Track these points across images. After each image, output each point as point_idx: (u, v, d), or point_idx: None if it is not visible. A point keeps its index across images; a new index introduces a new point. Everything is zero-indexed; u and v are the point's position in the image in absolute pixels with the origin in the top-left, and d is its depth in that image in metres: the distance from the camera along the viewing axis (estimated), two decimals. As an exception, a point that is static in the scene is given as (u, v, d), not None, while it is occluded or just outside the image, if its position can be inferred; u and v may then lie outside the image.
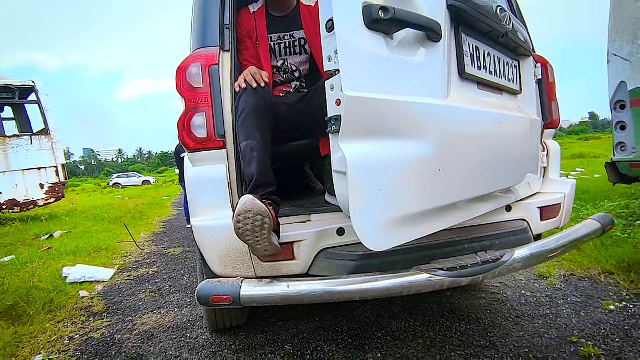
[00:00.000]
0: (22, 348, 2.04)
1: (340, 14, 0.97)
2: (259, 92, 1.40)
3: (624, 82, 3.27)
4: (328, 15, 0.99)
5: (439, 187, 1.20)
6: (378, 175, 1.04)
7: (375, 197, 1.04)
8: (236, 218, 1.13)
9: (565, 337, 1.74)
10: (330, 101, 1.02)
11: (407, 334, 1.88)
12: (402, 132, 1.10)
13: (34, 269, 3.46)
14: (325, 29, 1.01)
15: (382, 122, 1.06)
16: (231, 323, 2.02)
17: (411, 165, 1.12)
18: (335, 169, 1.06)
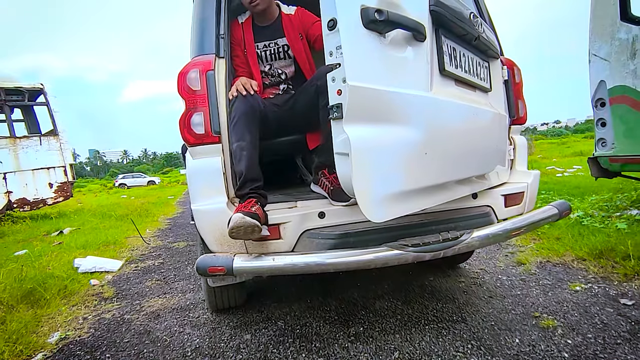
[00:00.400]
0: (41, 326, 2.26)
1: (342, 14, 1.16)
2: (249, 100, 1.61)
3: (604, 81, 3.43)
4: (330, 16, 1.17)
5: (425, 169, 1.40)
6: (376, 156, 1.23)
7: (374, 175, 1.24)
8: (229, 232, 1.33)
9: (530, 313, 1.93)
10: (332, 91, 1.20)
11: (388, 312, 2.07)
12: (394, 119, 1.30)
13: (48, 260, 3.70)
14: (326, 28, 1.19)
15: (378, 109, 1.25)
16: (229, 304, 2.22)
17: (402, 148, 1.31)
18: (338, 150, 1.24)
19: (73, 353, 1.91)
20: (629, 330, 1.68)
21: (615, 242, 2.60)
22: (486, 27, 1.76)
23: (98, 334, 2.12)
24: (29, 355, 1.90)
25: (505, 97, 2.00)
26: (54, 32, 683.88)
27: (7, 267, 3.40)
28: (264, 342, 1.84)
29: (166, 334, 2.05)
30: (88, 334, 2.13)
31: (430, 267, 2.78)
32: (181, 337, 2.00)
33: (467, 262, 2.81)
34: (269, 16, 1.98)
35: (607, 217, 3.31)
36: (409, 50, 1.39)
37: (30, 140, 8.11)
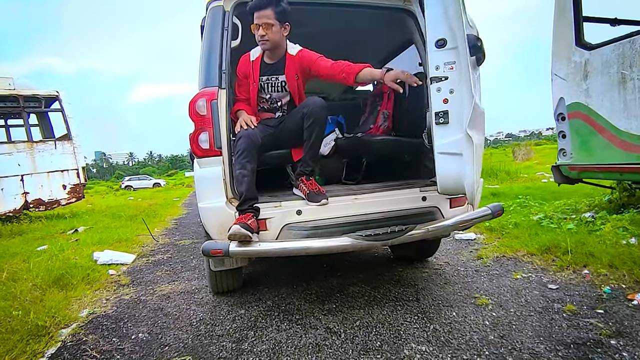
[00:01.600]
0: (72, 305, 2.72)
1: (457, 37, 1.49)
2: (251, 138, 2.06)
3: (563, 98, 3.86)
4: (439, 36, 1.52)
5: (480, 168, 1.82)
6: (480, 152, 1.62)
7: (479, 169, 1.62)
8: (228, 236, 1.78)
9: (472, 295, 2.36)
10: (437, 100, 1.54)
11: (358, 294, 2.51)
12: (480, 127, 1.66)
13: (69, 254, 4.17)
14: (434, 45, 1.55)
15: (476, 119, 1.60)
16: (228, 287, 2.67)
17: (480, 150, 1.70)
18: (445, 151, 1.56)
19: (101, 323, 2.37)
20: (544, 306, 2.11)
21: (561, 239, 3.02)
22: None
23: (120, 310, 2.58)
24: (67, 324, 2.36)
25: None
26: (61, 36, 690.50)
27: (34, 259, 3.88)
28: (254, 315, 2.29)
29: (176, 310, 2.51)
30: (112, 310, 2.59)
31: (401, 260, 3.22)
32: (188, 312, 2.45)
33: (434, 256, 3.25)
34: (276, 56, 2.34)
35: (563, 219, 3.73)
36: (476, 72, 1.77)
37: (46, 144, 8.64)
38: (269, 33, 2.19)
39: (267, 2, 2.14)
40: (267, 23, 2.17)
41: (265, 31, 2.18)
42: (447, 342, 1.79)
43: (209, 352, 1.87)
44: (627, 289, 2.22)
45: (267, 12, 2.16)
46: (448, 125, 1.51)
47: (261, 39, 2.22)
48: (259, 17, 2.17)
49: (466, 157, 1.47)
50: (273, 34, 2.20)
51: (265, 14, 2.16)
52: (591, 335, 1.76)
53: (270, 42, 2.23)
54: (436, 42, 1.51)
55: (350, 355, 1.75)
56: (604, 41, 3.52)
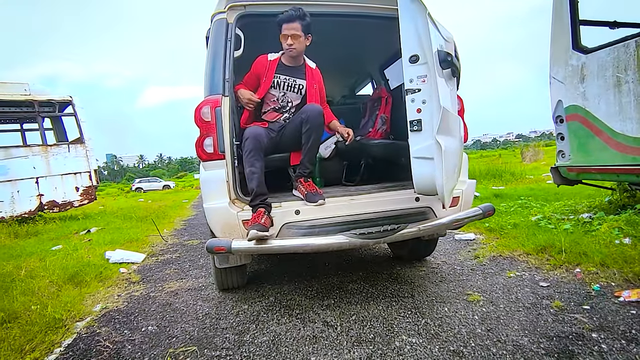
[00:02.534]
0: (86, 300, 2.88)
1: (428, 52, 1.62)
2: (257, 139, 2.20)
3: (561, 101, 3.93)
4: (412, 52, 1.66)
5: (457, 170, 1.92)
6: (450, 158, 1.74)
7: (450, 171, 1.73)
8: (248, 239, 1.90)
9: (465, 292, 2.46)
10: (412, 110, 1.67)
11: (356, 291, 2.62)
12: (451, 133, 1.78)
13: (82, 253, 4.35)
14: (408, 60, 1.69)
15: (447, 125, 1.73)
16: (233, 284, 2.81)
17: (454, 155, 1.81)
18: (419, 155, 1.69)
19: (113, 317, 2.52)
20: (533, 302, 2.20)
21: (556, 239, 3.10)
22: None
23: (131, 305, 2.73)
24: (81, 318, 2.52)
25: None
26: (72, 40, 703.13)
27: (50, 258, 4.07)
28: (257, 310, 2.42)
29: (183, 305, 2.65)
30: (123, 305, 2.74)
31: (400, 260, 3.32)
32: (195, 307, 2.59)
33: (433, 255, 3.34)
34: (297, 62, 2.57)
35: (561, 219, 3.80)
36: (452, 83, 1.92)
37: (59, 147, 8.89)
38: (296, 42, 2.44)
39: (295, 16, 2.37)
40: (295, 34, 2.41)
41: (293, 41, 2.43)
42: (437, 335, 1.89)
43: (213, 343, 2.00)
44: (616, 286, 2.30)
45: (295, 25, 2.40)
46: (421, 132, 1.63)
47: (289, 47, 2.46)
48: (288, 28, 2.41)
49: (436, 161, 1.59)
50: (299, 43, 2.45)
51: (294, 27, 2.40)
52: (574, 329, 1.84)
53: (296, 50, 2.48)
54: (409, 58, 1.64)
55: (345, 346, 1.86)
56: (599, 45, 3.58)
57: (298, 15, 2.37)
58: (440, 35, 1.72)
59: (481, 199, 6.11)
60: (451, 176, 1.73)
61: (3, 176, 8.14)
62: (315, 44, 2.87)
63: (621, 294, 2.15)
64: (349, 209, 2.24)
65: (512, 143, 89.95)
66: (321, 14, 2.55)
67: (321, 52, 2.90)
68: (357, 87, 4.70)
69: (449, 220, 2.20)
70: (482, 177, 9.22)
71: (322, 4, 2.51)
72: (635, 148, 3.29)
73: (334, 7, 2.53)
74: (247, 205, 2.13)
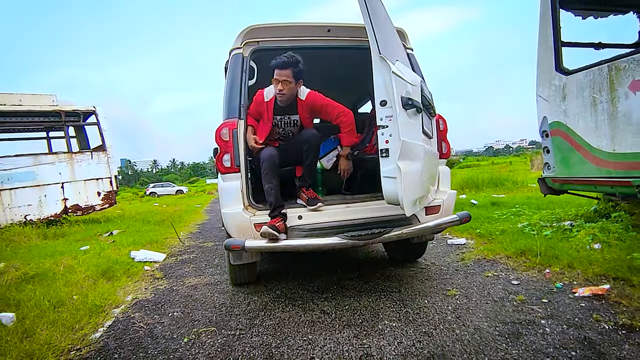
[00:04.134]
0: (118, 292, 3.32)
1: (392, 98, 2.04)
2: (272, 158, 2.60)
3: (546, 117, 4.28)
4: (382, 98, 2.06)
5: (422, 186, 2.31)
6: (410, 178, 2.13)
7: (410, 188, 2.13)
8: (260, 234, 2.32)
9: (446, 288, 2.83)
10: (382, 141, 2.06)
11: (352, 287, 3.01)
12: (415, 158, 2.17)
13: (109, 253, 4.82)
14: (379, 104, 2.08)
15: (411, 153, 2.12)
16: (245, 280, 3.22)
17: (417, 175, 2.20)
18: (386, 175, 2.08)
19: (143, 305, 2.95)
20: (501, 296, 2.56)
21: (535, 244, 3.44)
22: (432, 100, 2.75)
23: (157, 296, 3.16)
24: (117, 305, 2.96)
25: (436, 141, 2.94)
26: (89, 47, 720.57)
27: (81, 257, 4.54)
28: (265, 301, 2.83)
29: (202, 296, 3.07)
30: (151, 296, 3.18)
31: (394, 261, 3.70)
32: (212, 298, 3.01)
33: (424, 258, 3.71)
34: (289, 102, 2.88)
35: (544, 226, 4.13)
36: (415, 118, 2.29)
37: (83, 154, 9.50)
38: (286, 88, 2.75)
39: (288, 64, 2.68)
40: (286, 80, 2.72)
41: (284, 86, 2.74)
42: (413, 320, 2.27)
43: (229, 325, 2.41)
44: (576, 284, 2.64)
45: (286, 72, 2.70)
46: (388, 158, 2.03)
47: (279, 93, 2.77)
48: (280, 74, 2.71)
49: (398, 180, 1.98)
50: (289, 89, 2.77)
51: (285, 74, 2.71)
52: (528, 317, 2.20)
53: (286, 96, 2.80)
54: (380, 102, 2.05)
55: (336, 328, 2.25)
56: (578, 67, 3.93)
57: (290, 62, 2.68)
58: (406, 82, 2.12)
59: (478, 206, 6.45)
60: (413, 190, 2.12)
61: (32, 181, 8.76)
62: (321, 69, 3.30)
63: (577, 291, 2.50)
64: (344, 214, 2.64)
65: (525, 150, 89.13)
66: (325, 47, 2.98)
67: (327, 75, 3.33)
68: (358, 105, 5.11)
69: (429, 225, 2.59)
70: (485, 186, 9.51)
71: (325, 39, 2.93)
72: (609, 162, 3.62)
73: (335, 41, 2.94)
74: (259, 211, 2.55)
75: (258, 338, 2.20)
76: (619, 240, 3.29)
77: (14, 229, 7.61)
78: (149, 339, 2.30)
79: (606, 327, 2.00)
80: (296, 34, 2.89)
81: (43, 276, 3.61)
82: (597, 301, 2.34)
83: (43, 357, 2.06)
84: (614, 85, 3.54)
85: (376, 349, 1.96)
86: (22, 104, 9.01)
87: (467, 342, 1.96)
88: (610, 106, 3.59)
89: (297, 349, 2.03)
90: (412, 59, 3.03)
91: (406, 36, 3.05)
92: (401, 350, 1.93)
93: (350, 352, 1.95)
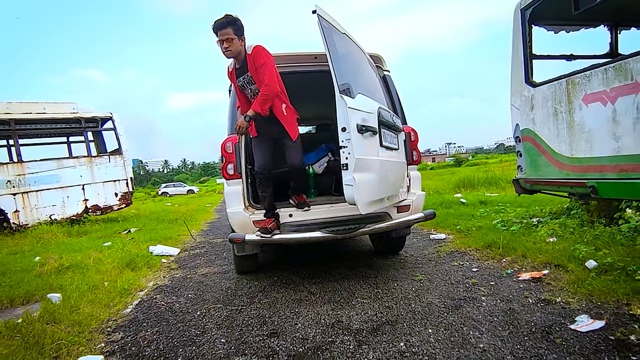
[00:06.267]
0: (141, 279, 3.91)
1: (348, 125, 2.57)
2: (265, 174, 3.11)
3: (518, 124, 4.75)
4: (343, 125, 2.55)
5: (377, 191, 2.85)
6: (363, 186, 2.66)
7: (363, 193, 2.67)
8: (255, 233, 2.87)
9: (415, 274, 3.35)
10: (343, 157, 2.54)
11: (337, 274, 3.55)
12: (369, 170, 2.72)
13: (130, 248, 5.44)
14: (340, 130, 2.58)
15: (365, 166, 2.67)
16: (248, 269, 3.79)
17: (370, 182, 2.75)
18: (346, 183, 2.58)
19: (163, 289, 3.54)
20: (458, 280, 3.08)
21: (501, 238, 3.93)
22: (398, 119, 3.27)
23: (174, 283, 3.75)
24: (141, 289, 3.55)
25: (404, 151, 3.46)
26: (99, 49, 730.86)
27: (106, 251, 5.16)
28: (264, 285, 3.39)
29: (212, 282, 3.65)
30: (168, 282, 3.76)
31: (379, 254, 4.23)
32: (220, 283, 3.58)
33: (405, 250, 4.23)
34: (239, 59, 3.06)
35: (515, 222, 4.61)
36: (371, 138, 2.83)
37: (102, 158, 10.21)
38: (230, 45, 2.93)
39: (226, 23, 2.89)
40: (228, 38, 2.91)
41: (228, 44, 2.93)
42: (381, 298, 2.81)
43: (233, 303, 2.98)
44: (523, 271, 3.14)
45: (226, 31, 2.90)
46: (347, 170, 2.55)
47: (225, 50, 2.96)
48: (221, 34, 2.91)
49: (354, 187, 2.51)
50: (233, 45, 2.95)
51: (225, 32, 2.90)
52: (473, 295, 2.72)
53: (233, 52, 2.97)
54: (341, 129, 2.56)
55: (318, 304, 2.80)
56: (543, 81, 4.40)
57: (228, 21, 2.88)
58: (363, 111, 2.66)
59: (467, 205, 6.93)
60: (366, 194, 2.64)
61: (56, 183, 9.48)
62: (311, 89, 3.85)
63: (521, 275, 3.01)
64: (328, 213, 3.19)
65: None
66: (313, 71, 3.53)
67: (315, 93, 3.87)
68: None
69: (398, 221, 3.12)
70: (480, 185, 9.95)
71: (313, 65, 3.50)
72: (569, 165, 4.09)
73: (321, 66, 3.48)
74: (257, 210, 3.11)
75: (255, 311, 2.76)
76: (572, 234, 3.77)
77: (42, 227, 8.34)
78: (169, 313, 2.88)
79: (530, 301, 2.51)
80: (289, 61, 3.45)
81: (77, 267, 4.23)
82: (534, 283, 2.84)
83: (88, 324, 2.64)
84: (571, 98, 4.01)
85: (346, 317, 2.51)
86: (46, 112, 9.74)
87: (418, 312, 2.50)
88: (568, 116, 4.05)
89: (285, 318, 2.59)
90: (388, 80, 3.56)
91: (382, 60, 3.59)
92: (365, 318, 2.47)
93: (325, 320, 2.50)
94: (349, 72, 2.78)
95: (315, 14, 2.46)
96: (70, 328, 2.57)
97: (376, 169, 2.72)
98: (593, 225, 3.90)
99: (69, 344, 2.33)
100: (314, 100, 4.37)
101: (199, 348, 2.24)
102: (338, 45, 2.67)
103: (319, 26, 2.46)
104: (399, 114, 3.52)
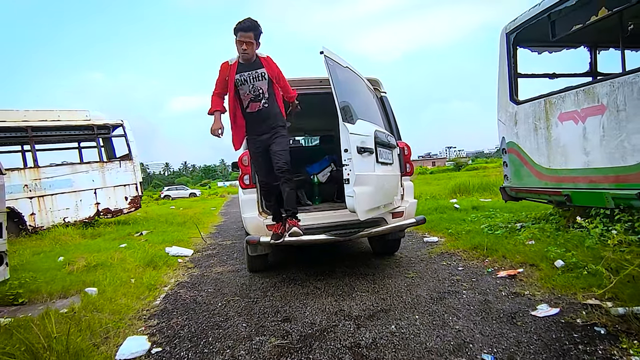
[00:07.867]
0: (163, 277, 4.36)
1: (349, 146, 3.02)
2: (271, 189, 3.54)
3: (504, 137, 5.22)
4: (345, 146, 3.02)
5: (374, 200, 3.30)
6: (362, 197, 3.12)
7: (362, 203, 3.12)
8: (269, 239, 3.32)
9: (407, 272, 3.80)
10: (345, 173, 3.00)
11: (339, 272, 4.00)
12: (367, 184, 3.18)
13: (147, 249, 5.88)
14: (343, 151, 3.05)
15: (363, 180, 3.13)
16: (259, 267, 4.24)
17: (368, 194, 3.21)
18: (348, 195, 3.02)
19: (184, 285, 3.99)
20: (445, 277, 3.53)
21: (486, 241, 4.38)
22: (392, 137, 3.74)
23: (193, 279, 4.20)
24: (165, 285, 4.00)
25: (399, 164, 3.93)
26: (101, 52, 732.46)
27: (125, 252, 5.61)
28: (274, 282, 3.84)
29: (226, 279, 4.10)
30: (188, 279, 4.22)
31: (377, 254, 4.68)
32: (234, 280, 4.03)
33: (400, 252, 4.68)
34: (250, 59, 3.23)
35: (500, 227, 5.06)
36: (369, 157, 3.29)
37: (113, 163, 10.66)
38: (249, 48, 3.15)
39: (251, 27, 3.10)
40: (249, 41, 3.12)
41: (247, 47, 3.13)
42: (377, 292, 3.26)
43: (249, 296, 3.43)
44: (502, 269, 3.59)
45: (249, 34, 3.10)
46: (349, 184, 3.01)
47: (244, 52, 3.16)
48: (244, 36, 3.10)
49: (354, 198, 2.97)
50: (252, 49, 3.17)
51: (248, 35, 3.11)
52: (456, 289, 3.18)
53: (249, 55, 3.19)
54: (344, 150, 3.02)
55: (323, 297, 3.25)
56: (525, 99, 4.87)
57: (253, 26, 3.09)
58: (362, 135, 3.13)
59: (460, 210, 7.39)
60: (364, 204, 3.09)
61: (69, 187, 9.93)
62: (317, 108, 4.32)
63: (500, 273, 3.46)
64: (331, 218, 3.65)
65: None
66: (319, 93, 4.00)
67: (321, 112, 4.34)
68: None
69: (392, 226, 3.58)
70: (474, 190, 10.41)
71: (319, 87, 3.96)
72: (547, 175, 4.56)
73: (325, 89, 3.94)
74: (269, 216, 3.57)
75: (269, 302, 3.21)
76: (548, 237, 4.22)
77: (58, 229, 8.79)
78: (194, 304, 3.33)
79: (503, 294, 2.96)
80: (300, 84, 3.91)
81: (103, 265, 4.67)
82: (509, 279, 3.29)
83: (126, 313, 3.10)
84: (549, 116, 4.48)
85: (347, 307, 2.96)
86: (61, 119, 10.22)
87: (408, 302, 2.95)
88: (546, 132, 4.52)
89: (295, 308, 3.04)
90: (385, 101, 4.03)
91: (380, 83, 4.07)
92: (363, 307, 2.92)
93: (330, 309, 2.95)
94: (350, 100, 3.26)
95: (323, 54, 2.93)
96: (111, 316, 3.02)
97: (373, 182, 3.18)
98: (568, 229, 4.35)
99: (114, 327, 2.78)
100: (319, 117, 4.85)
101: (225, 330, 2.69)
102: (341, 78, 3.14)
103: (325, 64, 2.93)
104: (394, 131, 4.00)
